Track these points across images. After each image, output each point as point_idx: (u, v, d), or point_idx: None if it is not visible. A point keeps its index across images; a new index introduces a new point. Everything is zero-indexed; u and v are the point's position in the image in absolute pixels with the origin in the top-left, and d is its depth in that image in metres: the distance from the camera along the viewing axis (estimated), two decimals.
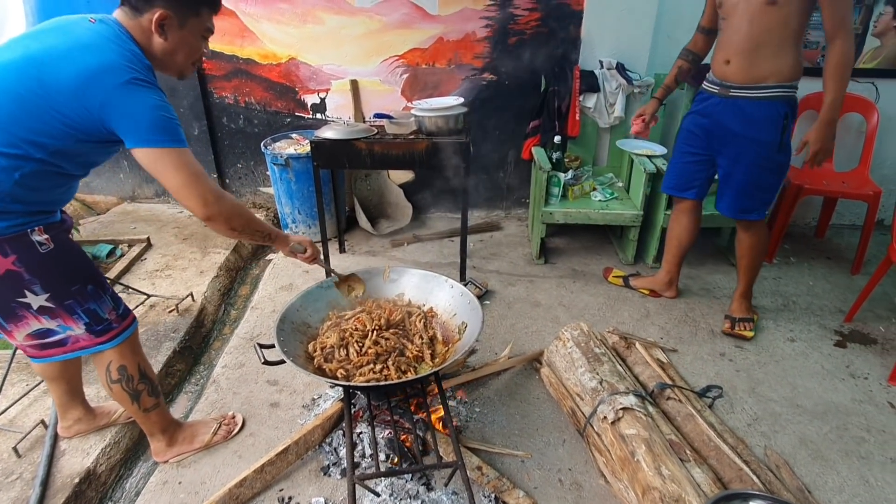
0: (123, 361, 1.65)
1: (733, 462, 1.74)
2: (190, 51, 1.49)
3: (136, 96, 1.31)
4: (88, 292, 1.52)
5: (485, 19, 3.27)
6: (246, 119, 3.60)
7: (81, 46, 1.30)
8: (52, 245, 1.43)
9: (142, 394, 1.72)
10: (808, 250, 3.42)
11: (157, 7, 1.38)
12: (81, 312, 1.51)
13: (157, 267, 3.05)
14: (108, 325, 1.58)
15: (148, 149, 1.33)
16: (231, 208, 1.49)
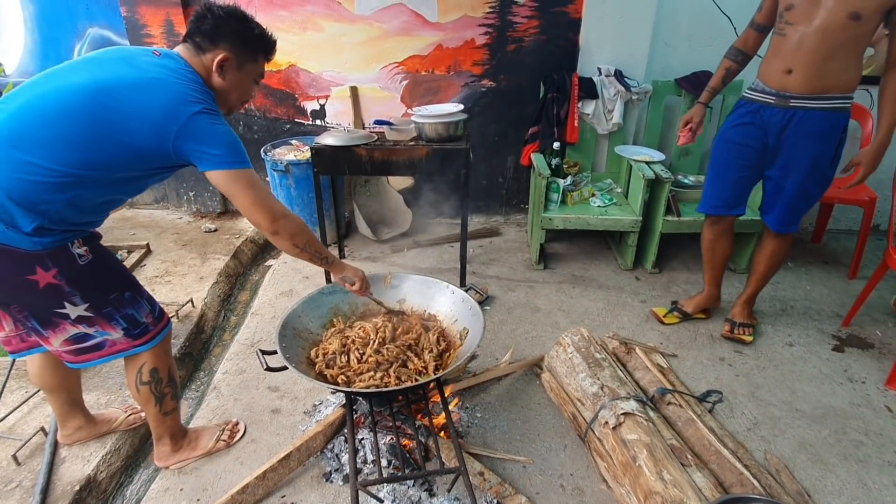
0: (156, 364, 1.68)
1: (734, 466, 1.75)
2: (243, 92, 1.59)
3: (209, 124, 1.40)
4: (126, 299, 1.56)
5: (484, 27, 3.30)
6: (246, 125, 3.61)
7: (155, 80, 1.38)
8: (91, 256, 1.46)
9: (166, 397, 1.75)
10: (806, 255, 3.44)
11: (220, 49, 1.48)
12: (120, 318, 1.55)
13: (156, 273, 3.05)
14: (146, 328, 1.62)
15: (223, 171, 1.43)
16: (295, 226, 1.59)
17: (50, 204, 1.34)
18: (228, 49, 1.48)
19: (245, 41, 1.52)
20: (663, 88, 3.30)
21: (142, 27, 3.27)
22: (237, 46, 1.50)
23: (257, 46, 1.55)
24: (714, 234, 2.54)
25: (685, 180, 3.25)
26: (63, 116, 1.31)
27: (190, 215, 3.83)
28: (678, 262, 3.31)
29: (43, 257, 1.37)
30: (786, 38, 2.06)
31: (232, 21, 1.49)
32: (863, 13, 1.89)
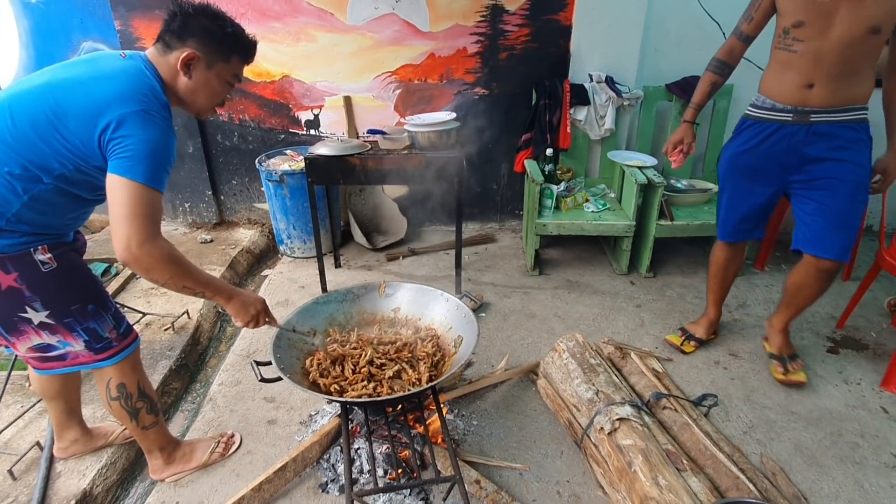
0: (123, 379, 1.65)
1: (729, 470, 1.75)
2: (212, 94, 1.51)
3: (138, 126, 1.32)
4: (89, 311, 1.52)
5: (475, 35, 3.33)
6: (240, 136, 3.63)
7: (101, 77, 1.35)
8: (55, 264, 1.44)
9: (140, 412, 1.72)
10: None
11: (187, 46, 1.41)
12: (81, 330, 1.52)
13: (151, 285, 3.05)
14: (108, 344, 1.59)
15: (121, 177, 1.31)
16: (156, 259, 1.37)
17: (6, 206, 1.34)
18: (196, 47, 1.42)
19: (215, 39, 1.44)
20: (654, 94, 3.33)
21: (136, 40, 3.29)
22: (206, 44, 1.43)
23: (230, 45, 1.47)
24: (728, 255, 2.43)
25: (678, 184, 3.28)
26: (9, 118, 1.32)
27: (186, 226, 3.84)
28: (672, 266, 3.32)
29: (3, 260, 1.37)
30: (798, 53, 1.98)
31: (202, 18, 1.42)
32: (883, 27, 1.86)
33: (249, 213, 3.89)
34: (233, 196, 3.83)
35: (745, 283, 3.14)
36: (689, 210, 3.15)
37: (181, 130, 3.51)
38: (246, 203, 3.85)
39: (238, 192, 3.81)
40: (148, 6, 3.20)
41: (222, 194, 3.82)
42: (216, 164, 3.70)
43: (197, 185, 3.70)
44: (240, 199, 3.84)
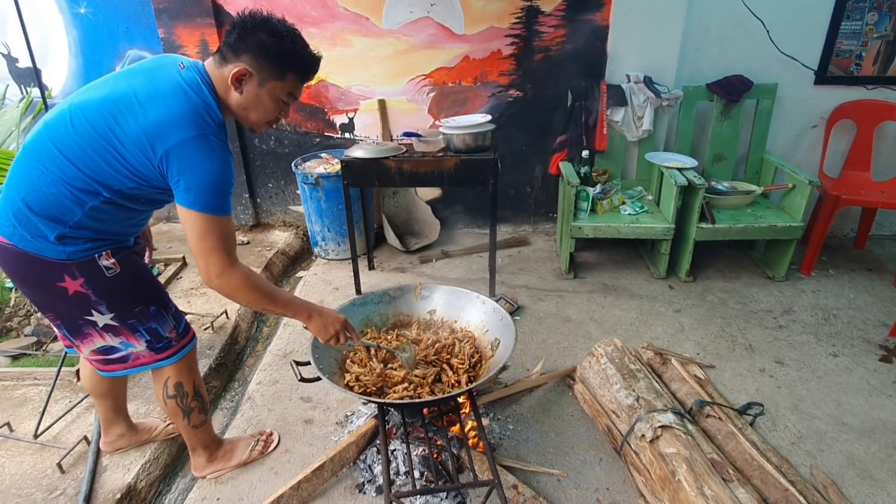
0: (180, 378, 1.69)
1: (778, 482, 1.68)
2: (264, 111, 1.46)
3: (196, 155, 1.32)
4: (151, 313, 1.56)
5: (510, 37, 3.31)
6: (277, 140, 3.69)
7: (157, 95, 1.33)
8: (119, 269, 1.48)
9: (193, 411, 1.76)
10: (848, 262, 3.32)
11: (241, 62, 1.38)
12: (143, 331, 1.56)
13: (192, 285, 3.13)
14: (168, 343, 1.62)
15: (189, 210, 1.35)
16: (235, 288, 1.44)
17: (68, 215, 1.37)
18: (249, 62, 1.37)
19: (270, 55, 1.38)
20: (694, 94, 3.25)
21: (178, 47, 3.38)
22: (260, 61, 1.37)
23: (285, 63, 1.40)
24: None
25: (719, 186, 3.19)
26: (72, 129, 1.33)
27: None
28: (713, 270, 3.23)
29: (70, 266, 1.41)
30: None
31: (259, 33, 1.36)
32: None
33: (285, 216, 3.95)
34: (269, 199, 3.90)
35: (791, 288, 3.03)
36: (730, 213, 3.06)
37: None
38: (281, 206, 3.91)
39: (274, 194, 3.88)
40: (190, 14, 3.29)
41: (259, 197, 3.89)
42: (253, 167, 3.78)
43: (235, 188, 3.77)
44: (275, 201, 3.90)
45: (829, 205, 3.02)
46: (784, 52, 3.18)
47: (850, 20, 3.13)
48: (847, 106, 3.25)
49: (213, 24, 3.31)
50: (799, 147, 3.43)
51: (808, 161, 3.39)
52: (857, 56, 3.21)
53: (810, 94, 3.28)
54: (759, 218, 2.99)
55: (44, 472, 1.87)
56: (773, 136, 3.36)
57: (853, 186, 3.18)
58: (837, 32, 3.14)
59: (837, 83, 3.25)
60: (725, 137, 3.30)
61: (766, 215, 3.01)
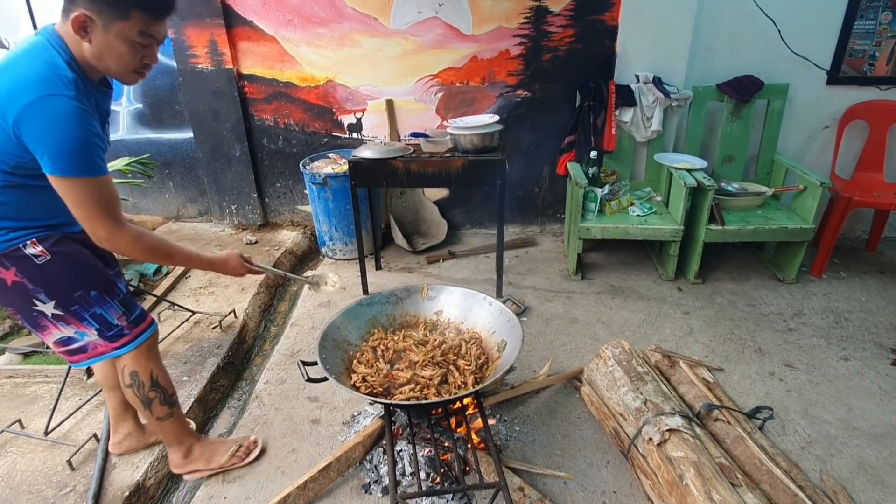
0: (135, 367, 1.66)
1: (787, 487, 1.67)
2: (120, 58, 1.34)
3: (44, 117, 1.24)
4: (92, 298, 1.54)
5: (519, 37, 3.30)
6: (285, 140, 3.70)
7: (5, 67, 1.30)
8: (49, 256, 1.47)
9: (153, 401, 1.72)
10: (860, 264, 3.28)
11: (77, 8, 1.28)
12: (89, 318, 1.55)
13: (200, 284, 3.15)
14: (120, 331, 1.60)
15: (55, 177, 1.29)
16: (125, 251, 1.43)
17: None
18: (86, 6, 1.27)
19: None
20: (704, 94, 3.22)
21: (188, 47, 3.41)
22: (96, 3, 1.27)
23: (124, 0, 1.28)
24: None
25: (729, 188, 3.16)
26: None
27: (232, 228, 3.94)
28: (722, 272, 3.21)
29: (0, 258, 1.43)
30: None
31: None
32: None
33: (293, 216, 3.96)
34: (277, 198, 3.91)
35: (801, 290, 3.00)
36: (740, 214, 3.03)
37: (229, 134, 3.62)
38: (289, 205, 3.93)
39: (282, 194, 3.89)
40: (200, 15, 3.31)
41: (267, 196, 3.91)
42: (262, 167, 3.79)
43: (243, 187, 3.80)
44: (283, 201, 3.92)
45: (841, 206, 2.98)
46: (796, 52, 3.14)
47: (864, 20, 3.09)
48: (860, 106, 3.21)
49: (223, 25, 3.33)
50: (810, 148, 3.40)
51: (820, 162, 3.35)
52: (870, 56, 3.17)
53: (822, 95, 3.24)
54: (769, 219, 2.96)
55: (54, 469, 1.89)
56: (784, 137, 3.33)
57: (865, 188, 3.15)
58: (850, 32, 3.10)
59: (850, 83, 3.21)
60: (736, 138, 3.28)
61: (777, 217, 2.98)
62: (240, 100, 3.54)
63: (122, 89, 3.64)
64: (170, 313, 2.80)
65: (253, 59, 3.48)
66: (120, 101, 3.69)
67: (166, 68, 3.55)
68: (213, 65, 3.44)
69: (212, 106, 3.56)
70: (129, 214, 3.95)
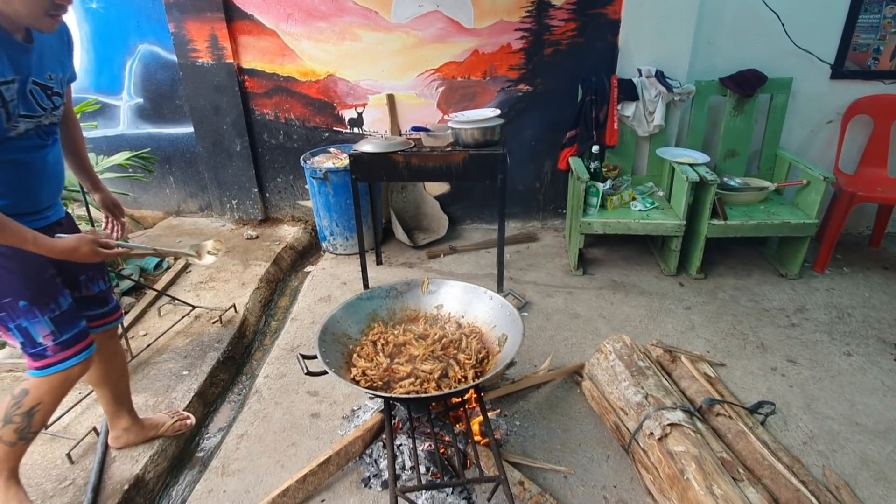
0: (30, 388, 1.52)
1: (789, 482, 1.66)
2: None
3: None
4: (20, 308, 1.43)
5: (520, 31, 3.28)
6: (286, 134, 3.69)
7: None
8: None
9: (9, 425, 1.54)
10: (863, 260, 3.26)
11: None
12: (14, 328, 1.45)
13: (201, 279, 3.14)
14: (43, 352, 1.48)
15: None
16: None
17: None
18: None
19: None
20: (707, 88, 3.20)
21: (188, 42, 3.39)
22: None
23: None
24: None
25: (731, 182, 3.14)
26: None
27: (233, 223, 3.94)
28: (724, 268, 3.19)
29: None
30: None
31: None
32: None
33: (293, 211, 3.95)
34: (277, 193, 3.90)
35: (804, 286, 2.98)
36: (743, 209, 3.01)
37: (230, 129, 3.61)
38: (290, 200, 3.92)
39: (283, 189, 3.88)
40: (200, 9, 3.30)
41: (268, 192, 3.90)
42: (262, 161, 3.79)
43: (244, 182, 3.79)
44: (284, 196, 3.91)
45: (845, 202, 2.96)
46: (799, 46, 3.12)
47: (868, 13, 3.06)
48: (864, 101, 3.18)
49: (223, 19, 3.31)
50: (814, 143, 3.37)
51: (824, 157, 3.33)
52: (874, 50, 3.14)
53: (826, 89, 3.22)
54: (772, 215, 2.94)
55: (53, 463, 1.88)
56: (788, 132, 3.30)
57: (869, 183, 3.12)
58: (854, 26, 3.08)
59: (854, 78, 3.19)
60: (738, 133, 3.26)
61: (780, 212, 2.97)
62: (240, 94, 3.53)
63: (121, 83, 3.64)
64: (170, 308, 2.79)
65: (254, 54, 3.47)
66: (120, 96, 3.68)
67: (167, 62, 3.54)
68: (214, 59, 3.43)
69: (212, 100, 3.55)
70: (129, 209, 3.95)
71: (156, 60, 3.57)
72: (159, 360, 2.42)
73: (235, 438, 2.05)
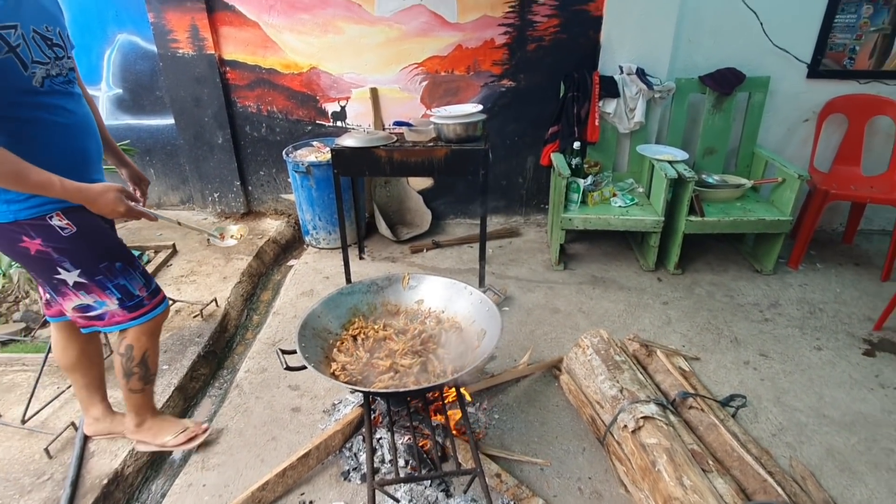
0: (133, 342, 1.72)
1: (757, 473, 1.71)
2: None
3: None
4: (117, 269, 1.60)
5: (504, 26, 3.29)
6: (268, 127, 3.67)
7: None
8: (75, 228, 1.52)
9: (133, 376, 1.78)
10: (836, 256, 3.34)
11: None
12: (112, 287, 1.61)
13: (182, 273, 3.12)
14: (140, 302, 1.66)
15: None
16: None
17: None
18: None
19: None
20: (687, 86, 3.24)
21: (168, 32, 3.35)
22: None
23: None
24: None
25: (709, 179, 3.19)
26: None
27: (215, 216, 3.91)
28: (702, 263, 3.25)
29: (25, 227, 1.46)
30: None
31: None
32: None
33: (276, 204, 3.94)
34: (260, 187, 3.88)
35: (779, 281, 3.05)
36: (720, 206, 3.07)
37: (211, 122, 3.58)
38: (273, 194, 3.90)
39: (265, 182, 3.86)
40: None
41: (250, 185, 3.87)
42: (244, 154, 3.76)
43: (226, 175, 3.76)
44: (267, 189, 3.89)
45: (819, 199, 3.03)
46: (777, 45, 3.17)
47: (845, 13, 3.12)
48: (839, 100, 3.25)
49: (204, 10, 3.27)
50: (790, 141, 3.44)
51: (800, 155, 3.40)
52: (850, 50, 3.20)
53: (803, 88, 3.28)
54: (748, 211, 3.00)
55: (31, 458, 1.88)
56: (765, 130, 3.36)
57: (843, 181, 3.20)
58: (832, 26, 3.13)
59: (830, 77, 3.25)
60: (717, 130, 3.31)
61: (756, 209, 3.03)
62: (222, 86, 3.50)
63: (99, 73, 3.58)
64: None
65: (235, 45, 3.43)
66: (99, 87, 3.63)
67: (146, 52, 3.49)
68: (195, 50, 3.39)
69: (193, 92, 3.51)
70: None
71: (135, 50, 3.51)
72: None
73: (216, 433, 2.05)
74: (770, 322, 2.70)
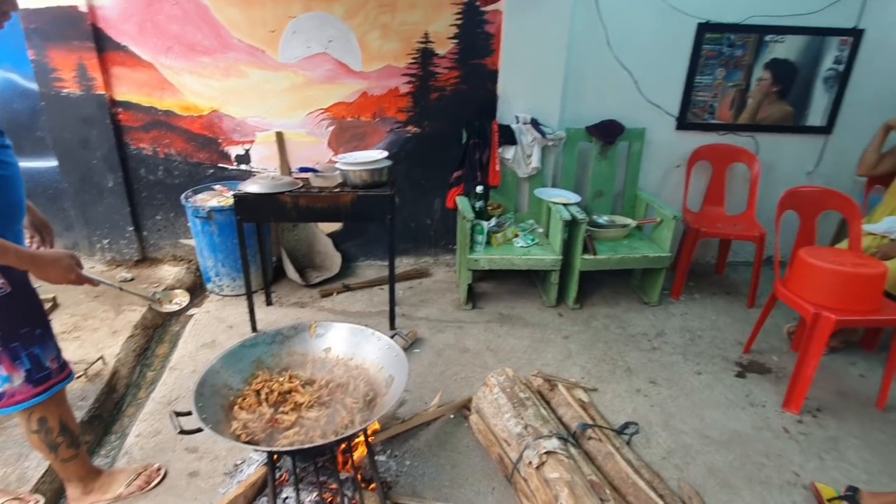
0: (45, 413, 1.61)
1: (649, 497, 1.84)
2: None
3: None
4: (36, 336, 1.51)
5: (407, 76, 3.42)
6: (166, 170, 3.51)
7: None
8: (10, 288, 1.40)
9: (60, 446, 1.69)
10: (710, 286, 3.72)
11: None
12: (25, 357, 1.50)
13: (63, 329, 2.86)
14: (48, 375, 1.56)
15: None
16: None
17: None
18: None
19: None
20: (575, 135, 3.54)
21: (51, 70, 3.14)
22: None
23: None
24: None
25: (600, 220, 3.47)
26: None
27: (104, 264, 3.63)
28: (597, 297, 3.49)
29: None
30: None
31: None
32: None
33: (175, 250, 3.74)
34: (157, 232, 3.68)
35: (663, 311, 3.34)
36: (610, 244, 3.33)
37: (100, 164, 3.37)
38: (171, 239, 3.70)
39: (163, 227, 3.67)
40: (66, 37, 3.08)
41: (145, 230, 3.66)
42: (139, 198, 3.56)
43: (117, 220, 3.53)
44: (164, 234, 3.69)
45: (692, 236, 3.40)
46: (650, 101, 3.56)
47: (704, 74, 3.58)
48: (703, 149, 3.69)
49: (93, 49, 3.12)
50: (666, 184, 3.83)
51: (675, 197, 3.79)
52: (710, 106, 3.66)
53: (673, 138, 3.69)
54: (634, 249, 3.29)
55: None
56: (645, 175, 3.73)
57: (711, 220, 3.60)
58: (693, 85, 3.58)
59: (695, 129, 3.69)
60: (604, 175, 3.62)
61: (640, 246, 3.32)
62: (113, 127, 3.32)
63: None
64: None
65: (128, 86, 3.29)
66: None
67: (25, 91, 3.24)
68: (82, 89, 3.20)
69: (80, 133, 3.30)
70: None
71: (12, 88, 3.25)
72: (10, 425, 2.16)
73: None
74: (657, 350, 2.94)
